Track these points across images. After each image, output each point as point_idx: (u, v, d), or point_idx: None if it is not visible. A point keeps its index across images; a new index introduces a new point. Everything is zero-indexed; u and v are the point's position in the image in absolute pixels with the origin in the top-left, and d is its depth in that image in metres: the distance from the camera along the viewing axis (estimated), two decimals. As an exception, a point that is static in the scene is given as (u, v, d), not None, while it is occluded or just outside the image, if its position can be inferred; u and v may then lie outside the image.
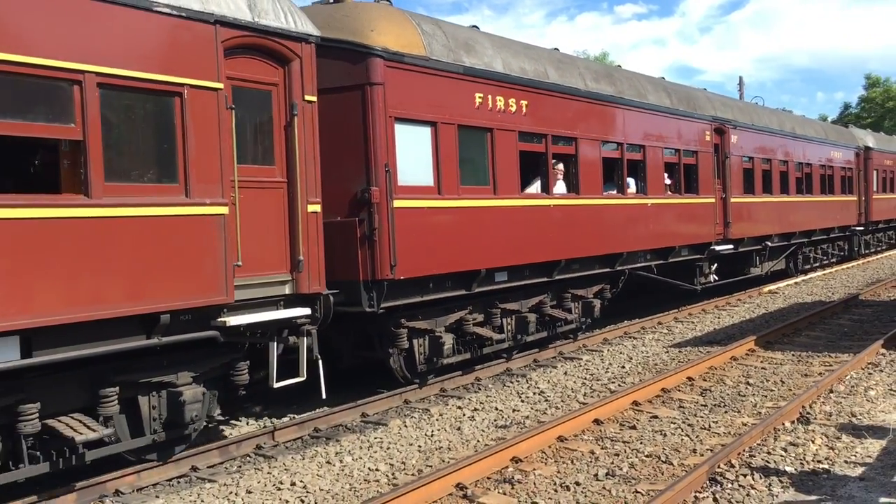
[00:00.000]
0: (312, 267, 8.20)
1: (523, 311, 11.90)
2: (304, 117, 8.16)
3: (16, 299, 5.86)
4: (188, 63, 7.03)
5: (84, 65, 6.27)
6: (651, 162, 14.55)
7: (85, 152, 6.30)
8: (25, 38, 5.94)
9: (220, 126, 7.27)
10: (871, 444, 7.63)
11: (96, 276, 6.33)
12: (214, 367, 7.73)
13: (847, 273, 24.17)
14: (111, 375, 6.85)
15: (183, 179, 6.99)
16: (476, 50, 10.81)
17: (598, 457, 7.56)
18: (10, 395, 6.20)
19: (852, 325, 14.79)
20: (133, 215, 6.61)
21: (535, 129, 11.66)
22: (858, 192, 26.85)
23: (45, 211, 6.06)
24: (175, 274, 6.88)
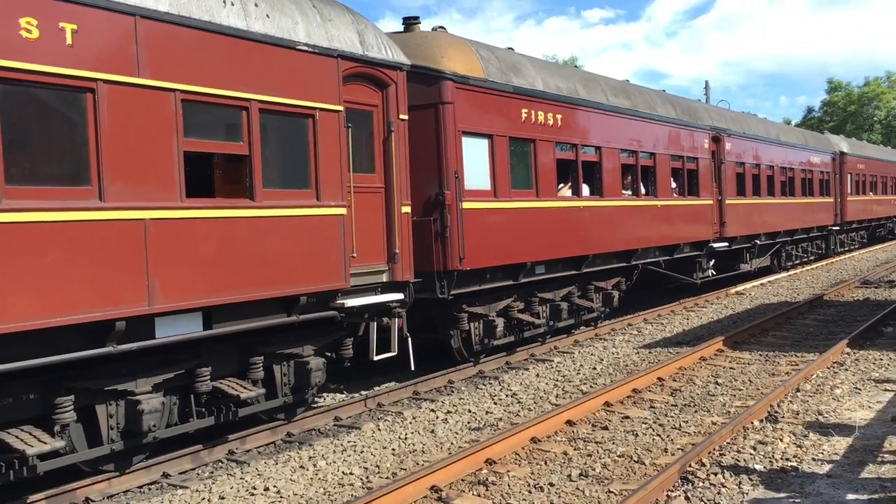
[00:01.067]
0: (404, 259, 9.77)
1: (556, 300, 13.55)
2: (398, 133, 9.73)
3: (201, 282, 7.36)
4: (319, 90, 8.55)
5: (250, 94, 7.79)
6: (660, 167, 16.29)
7: (250, 164, 7.82)
8: (214, 74, 7.44)
9: (340, 142, 8.81)
10: (838, 441, 7.78)
11: (256, 265, 7.84)
12: (327, 342, 9.25)
13: (811, 274, 24.79)
14: (258, 347, 8.36)
15: (315, 186, 8.52)
16: (521, 71, 12.43)
17: (572, 457, 7.61)
18: (191, 360, 7.69)
19: (817, 325, 15.05)
20: (281, 215, 8.13)
21: (567, 139, 13.31)
22: (835, 194, 28.91)
23: (228, 212, 7.58)
24: (308, 263, 8.40)
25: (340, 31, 8.95)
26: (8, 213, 5.92)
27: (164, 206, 6.99)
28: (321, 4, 8.94)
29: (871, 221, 35.59)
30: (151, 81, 6.90)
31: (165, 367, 7.45)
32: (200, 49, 7.36)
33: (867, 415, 8.74)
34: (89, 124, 6.47)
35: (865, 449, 7.49)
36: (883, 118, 78.35)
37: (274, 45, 8.04)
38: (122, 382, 7.10)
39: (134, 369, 7.19)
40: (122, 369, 7.12)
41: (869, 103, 78.38)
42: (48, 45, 6.16)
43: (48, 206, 6.19)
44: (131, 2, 6.75)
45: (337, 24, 8.95)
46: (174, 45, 7.11)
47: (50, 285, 6.14)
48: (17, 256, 5.97)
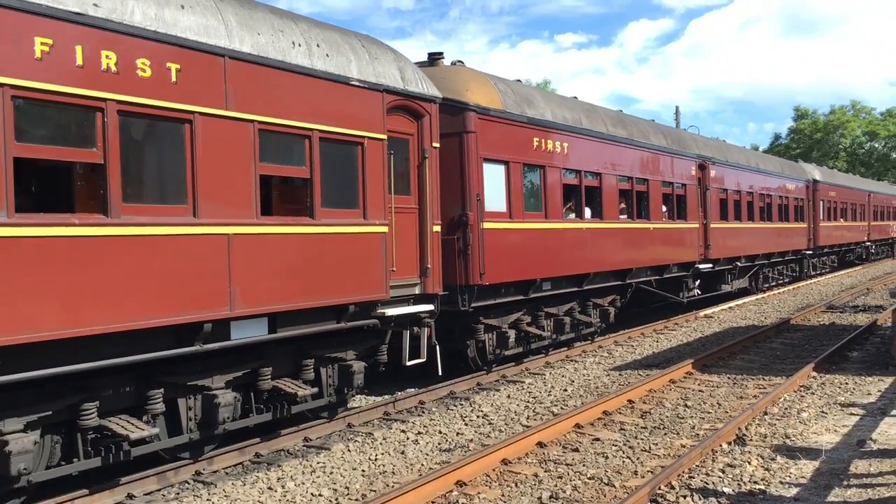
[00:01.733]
0: (435, 273, 10.77)
1: (560, 315, 14.60)
2: (431, 159, 10.76)
3: (270, 291, 8.29)
4: (367, 120, 9.56)
5: (312, 124, 8.77)
6: (653, 192, 17.46)
7: (311, 186, 8.79)
8: (284, 107, 8.42)
9: (383, 166, 9.81)
10: (805, 464, 7.85)
11: (314, 276, 8.79)
12: (366, 347, 10.19)
13: (778, 298, 25.15)
14: (310, 350, 9.29)
15: (362, 206, 9.50)
16: (534, 103, 13.54)
17: (542, 480, 7.60)
18: (256, 361, 8.60)
19: (784, 348, 15.24)
20: (335, 232, 9.09)
21: (572, 166, 14.42)
22: (808, 219, 30.39)
23: (293, 228, 8.55)
24: (357, 276, 9.36)
25: (385, 67, 9.98)
26: (125, 228, 6.83)
27: (244, 223, 7.93)
28: (369, 44, 9.98)
29: (842, 246, 37.21)
30: (236, 113, 7.86)
31: (236, 366, 8.36)
32: (274, 84, 8.33)
33: (833, 438, 8.84)
34: (187, 150, 7.42)
35: (832, 472, 7.59)
36: (848, 146, 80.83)
37: (332, 81, 9.04)
38: (201, 378, 7.99)
39: (210, 367, 8.09)
40: (201, 367, 8.02)
41: (834, 131, 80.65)
42: (159, 82, 7.11)
43: (159, 222, 7.12)
44: (222, 44, 7.72)
45: (382, 62, 9.98)
46: (254, 81, 8.09)
47: (157, 290, 7.06)
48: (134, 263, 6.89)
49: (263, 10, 8.63)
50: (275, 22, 8.58)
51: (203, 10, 7.68)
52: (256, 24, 8.27)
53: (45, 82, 6.25)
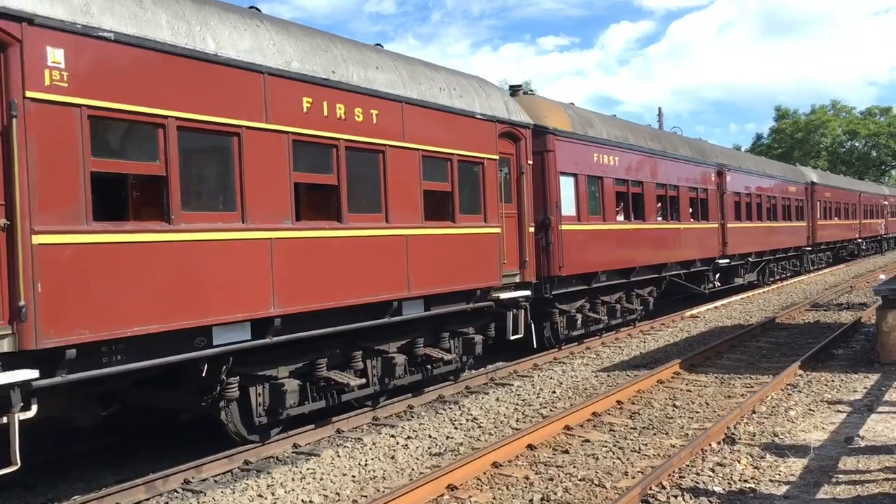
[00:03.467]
0: (530, 265, 13.42)
1: (612, 302, 17.26)
2: (526, 174, 13.41)
3: (426, 279, 10.88)
4: (486, 145, 12.20)
5: (453, 150, 11.38)
6: (682, 197, 20.18)
7: (452, 197, 11.41)
8: (437, 138, 11.04)
9: (496, 180, 12.45)
10: (794, 462, 7.87)
11: (454, 267, 11.40)
12: (481, 325, 12.80)
13: (763, 297, 25.35)
14: (446, 325, 11.89)
15: (483, 211, 12.13)
16: (593, 124, 16.23)
17: (533, 482, 7.59)
18: (411, 334, 11.19)
19: (770, 347, 15.29)
20: (467, 233, 11.71)
21: (622, 176, 17.10)
22: (807, 219, 33.23)
23: (440, 230, 11.17)
24: (480, 267, 11.98)
25: (495, 102, 12.64)
26: (349, 231, 9.44)
27: (415, 226, 10.54)
28: (484, 84, 12.65)
29: (837, 243, 40.10)
30: (408, 144, 10.48)
31: (403, 336, 10.96)
32: (431, 121, 10.97)
33: (821, 436, 8.90)
34: (380, 173, 10.01)
35: (821, 470, 7.64)
36: (829, 145, 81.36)
37: (464, 115, 11.69)
38: (383, 344, 10.58)
39: (388, 336, 10.67)
40: (381, 336, 10.59)
41: (815, 130, 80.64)
42: (366, 124, 9.72)
43: (368, 226, 9.73)
44: (400, 93, 10.35)
45: (494, 98, 12.64)
46: (419, 118, 10.71)
47: (367, 276, 9.66)
48: (356, 256, 9.50)
49: (419, 64, 11.30)
50: (427, 73, 11.24)
51: (389, 69, 10.33)
52: (418, 76, 10.92)
53: (308, 129, 8.86)
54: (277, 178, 8.46)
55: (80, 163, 6.57)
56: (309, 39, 9.27)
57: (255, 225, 8.16)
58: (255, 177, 8.17)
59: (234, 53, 8.02)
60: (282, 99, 8.55)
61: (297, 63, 8.79)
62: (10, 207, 6.15)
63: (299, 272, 8.68)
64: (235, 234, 7.96)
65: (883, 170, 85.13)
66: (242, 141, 8.05)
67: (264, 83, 8.34)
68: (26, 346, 6.20)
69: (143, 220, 7.46)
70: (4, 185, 6.14)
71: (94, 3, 6.77)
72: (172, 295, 7.31)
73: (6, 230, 6.14)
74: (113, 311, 6.78)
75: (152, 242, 7.16)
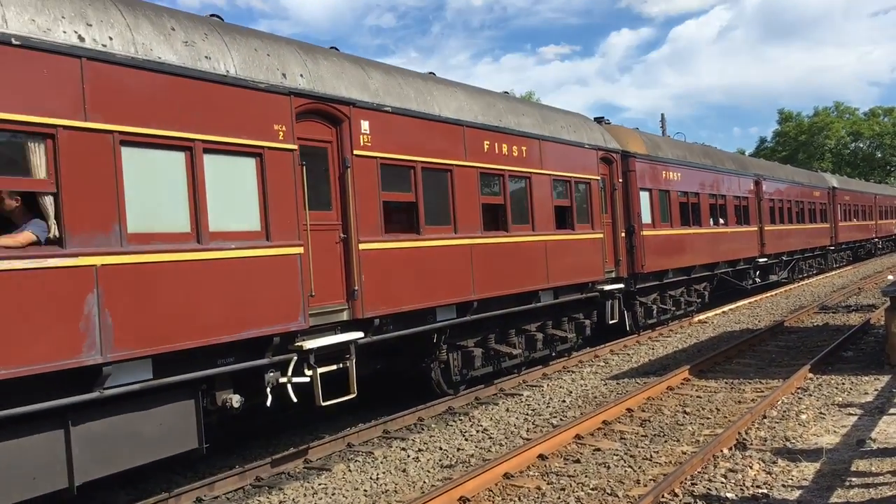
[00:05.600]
0: (623, 264, 16.65)
1: (677, 296, 20.47)
2: (618, 190, 16.66)
3: (556, 273, 14.07)
4: (591, 168, 15.45)
5: (570, 173, 14.63)
6: (728, 205, 23.39)
7: (571, 210, 14.64)
8: (559, 165, 14.29)
9: (599, 196, 15.67)
10: (807, 467, 7.84)
11: (573, 264, 14.60)
12: (587, 312, 16.00)
13: (772, 301, 25.73)
14: (565, 312, 15.11)
15: (591, 221, 15.34)
16: (660, 146, 19.48)
17: (545, 492, 7.58)
18: (543, 318, 14.38)
19: (779, 351, 15.37)
20: (581, 238, 14.92)
21: (684, 189, 20.33)
22: (830, 221, 36.35)
23: (567, 236, 14.41)
24: (589, 264, 15.20)
25: (595, 134, 15.92)
26: (513, 237, 12.68)
27: (552, 233, 13.77)
28: (587, 121, 15.99)
29: (856, 243, 43.16)
30: (546, 171, 13.72)
31: (538, 319, 14.17)
32: (559, 153, 14.22)
33: (833, 439, 8.85)
34: (528, 193, 13.25)
35: (833, 473, 7.60)
36: (833, 147, 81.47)
37: (577, 146, 14.95)
38: (527, 324, 13.80)
39: (529, 319, 13.88)
40: (524, 319, 13.79)
41: (819, 133, 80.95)
42: (519, 158, 12.97)
43: (521, 234, 12.97)
44: (538, 132, 13.61)
45: (594, 130, 15.93)
46: (551, 152, 13.96)
47: (522, 271, 12.89)
48: (515, 255, 12.74)
49: (546, 108, 14.71)
50: (552, 115, 14.53)
51: (530, 115, 13.65)
52: (547, 118, 14.21)
53: (488, 163, 12.13)
54: (472, 200, 11.74)
55: (377, 195, 9.85)
56: (483, 99, 12.58)
57: (461, 234, 11.43)
58: (460, 200, 11.44)
59: (448, 114, 11.32)
60: (473, 143, 11.84)
61: (481, 117, 12.09)
62: (346, 226, 9.43)
63: (486, 268, 11.93)
64: (452, 241, 11.23)
65: (888, 170, 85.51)
66: (453, 175, 11.33)
67: (464, 133, 11.64)
68: (356, 316, 9.48)
69: (405, 232, 10.70)
70: (342, 212, 9.42)
71: (381, 90, 10.09)
72: (419, 284, 10.56)
73: (344, 241, 9.42)
74: (393, 294, 10.04)
75: (411, 248, 10.43)
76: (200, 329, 7.45)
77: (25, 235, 6.25)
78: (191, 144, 7.48)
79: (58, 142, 6.35)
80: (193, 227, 7.50)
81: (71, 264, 6.40)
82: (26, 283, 6.09)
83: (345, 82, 9.52)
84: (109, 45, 6.82)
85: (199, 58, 7.66)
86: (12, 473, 6.21)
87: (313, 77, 9.05)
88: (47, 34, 6.35)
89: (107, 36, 6.82)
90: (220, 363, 7.90)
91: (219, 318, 7.63)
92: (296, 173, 8.62)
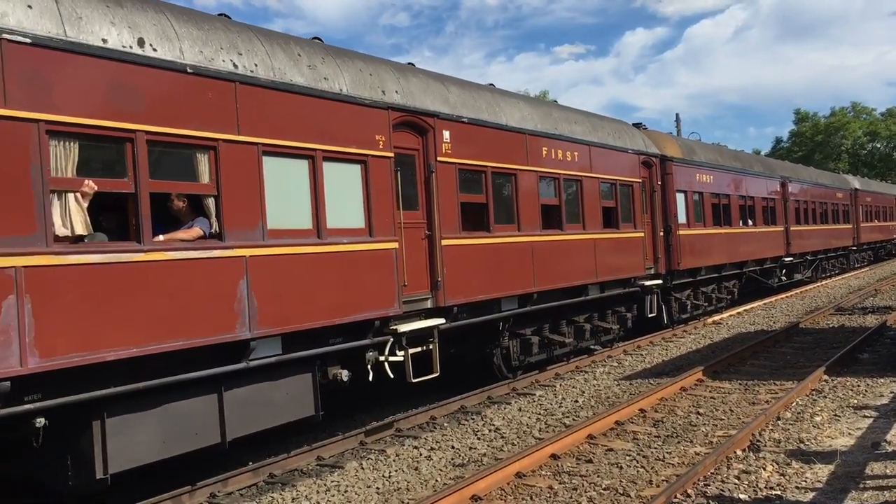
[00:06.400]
0: (661, 261, 17.81)
1: (708, 292, 21.58)
2: (657, 192, 17.81)
3: (602, 269, 15.25)
4: (633, 171, 16.62)
5: (615, 176, 15.80)
6: (757, 206, 24.47)
7: (616, 211, 15.82)
8: (608, 168, 15.46)
9: (641, 198, 16.82)
10: (820, 469, 7.81)
11: (617, 261, 15.77)
12: (628, 306, 17.15)
13: (787, 302, 25.51)
14: (609, 307, 16.27)
15: (633, 221, 16.51)
16: (695, 151, 20.61)
17: (557, 492, 7.58)
18: (589, 310, 15.56)
19: (794, 352, 15.24)
20: (623, 237, 16.08)
21: (715, 191, 21.44)
22: (852, 221, 37.27)
23: (615, 234, 15.59)
24: (632, 260, 16.36)
25: (637, 140, 17.10)
26: (544, 236, 13.87)
27: (599, 232, 14.94)
28: (630, 128, 17.17)
29: (877, 243, 44.02)
30: (593, 174, 14.89)
31: (586, 311, 15.35)
32: (605, 156, 15.40)
33: (848, 441, 8.81)
34: (579, 196, 14.43)
35: (847, 476, 7.58)
36: (849, 147, 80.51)
37: (621, 151, 16.13)
38: (576, 316, 14.99)
39: (578, 311, 15.07)
40: (574, 311, 14.98)
41: (835, 133, 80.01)
42: (571, 162, 14.16)
43: (573, 232, 14.16)
44: (588, 139, 14.79)
45: (635, 137, 17.10)
46: (599, 156, 15.13)
47: (575, 267, 14.09)
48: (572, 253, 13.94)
49: (594, 116, 15.83)
50: (599, 122, 15.71)
51: (581, 123, 14.85)
52: (595, 125, 15.40)
53: (546, 168, 13.32)
54: (533, 201, 12.95)
55: (456, 197, 11.07)
56: (541, 108, 13.80)
57: (524, 232, 12.63)
58: (523, 201, 12.64)
59: (512, 123, 12.54)
60: (533, 149, 13.04)
61: (539, 125, 13.30)
62: (431, 224, 10.66)
63: (543, 263, 13.13)
64: (516, 238, 12.44)
65: None
66: (517, 178, 12.54)
67: (526, 140, 12.84)
68: (438, 304, 10.70)
69: (477, 230, 11.90)
70: (427, 212, 10.65)
71: (458, 103, 11.34)
72: (489, 277, 11.77)
73: (428, 238, 10.65)
74: (468, 285, 11.26)
75: (483, 244, 11.65)
76: (319, 312, 8.70)
77: (195, 231, 7.52)
78: (313, 153, 8.73)
79: (218, 153, 7.61)
80: (314, 224, 8.75)
81: (228, 255, 7.67)
82: (198, 270, 7.37)
83: (430, 97, 10.76)
84: (255, 70, 8.08)
85: (320, 79, 8.91)
86: (182, 428, 7.49)
87: (405, 93, 10.29)
88: (212, 63, 7.62)
89: (253, 63, 8.08)
90: (332, 342, 9.15)
91: (333, 303, 8.87)
92: (392, 178, 9.86)
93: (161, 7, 7.53)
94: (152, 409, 7.21)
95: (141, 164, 6.90)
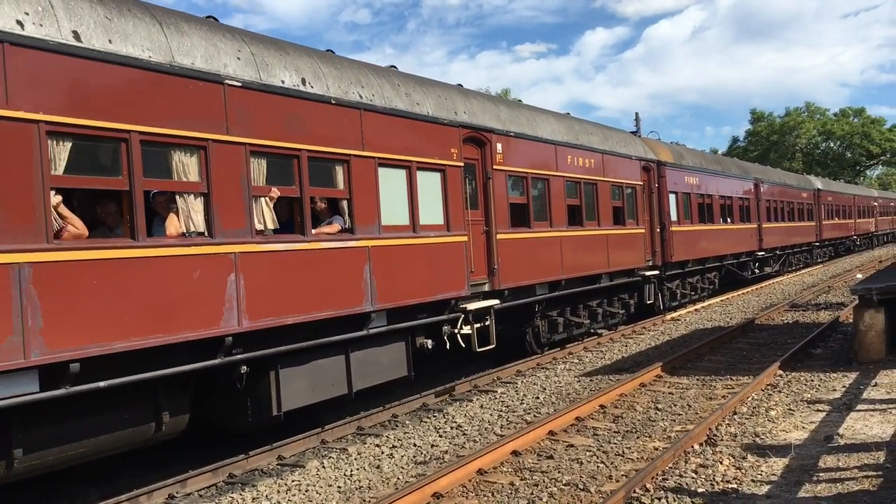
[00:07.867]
0: (657, 254, 20.20)
1: (694, 283, 24.06)
2: (655, 193, 20.19)
3: (613, 260, 17.55)
4: (634, 175, 18.95)
5: (620, 179, 18.11)
6: (734, 205, 27.05)
7: (625, 210, 18.14)
8: (616, 173, 17.77)
9: (642, 198, 19.17)
10: (775, 462, 7.90)
11: (621, 253, 18.08)
12: (630, 293, 19.48)
13: (743, 299, 25.98)
14: (615, 294, 18.59)
15: (636, 218, 18.84)
16: (683, 156, 23.07)
17: (518, 488, 7.64)
18: (600, 296, 17.86)
19: (750, 348, 15.52)
20: (622, 233, 18.40)
21: (700, 191, 23.93)
22: (815, 219, 40.21)
23: (621, 230, 17.90)
24: (634, 253, 18.69)
25: (638, 147, 19.47)
26: (569, 231, 16.16)
27: (613, 229, 17.23)
28: (632, 137, 19.53)
29: (837, 240, 47.13)
30: (605, 178, 17.18)
31: (599, 297, 17.65)
32: (614, 162, 17.69)
33: (801, 435, 8.95)
34: (596, 198, 16.71)
35: (801, 469, 7.70)
36: (804, 146, 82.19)
37: (627, 158, 18.46)
38: (590, 300, 17.25)
39: (592, 297, 17.34)
40: (589, 297, 17.24)
41: (790, 132, 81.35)
42: (589, 167, 16.44)
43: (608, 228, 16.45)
44: (602, 147, 17.08)
45: (637, 144, 19.47)
46: (609, 162, 17.42)
47: (598, 257, 16.38)
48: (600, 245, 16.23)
49: (604, 127, 18.09)
50: (609, 132, 18.02)
51: (595, 134, 17.14)
52: (606, 136, 17.71)
53: (570, 173, 15.57)
54: (560, 202, 15.20)
55: (506, 198, 13.28)
56: (566, 122, 16.05)
57: (555, 228, 14.88)
58: (553, 201, 14.88)
59: (546, 135, 14.78)
60: (561, 157, 15.30)
61: (566, 137, 15.56)
62: (488, 221, 12.85)
63: (569, 254, 15.39)
64: (549, 233, 14.67)
65: (858, 170, 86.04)
66: (549, 182, 14.78)
67: (555, 150, 15.09)
68: (493, 288, 12.90)
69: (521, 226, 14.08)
70: (485, 211, 12.83)
71: (507, 120, 13.54)
72: (529, 265, 13.98)
73: (486, 233, 12.83)
74: (515, 272, 13.47)
75: (525, 238, 13.87)
76: (414, 291, 10.85)
77: (335, 227, 9.63)
78: (409, 164, 10.87)
79: (350, 165, 9.72)
80: (411, 221, 10.89)
81: (357, 245, 9.79)
82: (340, 256, 9.49)
83: (487, 115, 12.95)
84: (372, 100, 10.20)
85: (413, 104, 11.06)
86: (323, 380, 9.59)
87: (470, 113, 12.47)
88: (346, 95, 9.73)
89: (370, 94, 10.21)
90: (420, 317, 11.30)
91: (423, 285, 11.02)
92: (462, 183, 12.03)
93: (311, 53, 9.62)
94: (305, 364, 9.30)
95: (304, 175, 9.00)
